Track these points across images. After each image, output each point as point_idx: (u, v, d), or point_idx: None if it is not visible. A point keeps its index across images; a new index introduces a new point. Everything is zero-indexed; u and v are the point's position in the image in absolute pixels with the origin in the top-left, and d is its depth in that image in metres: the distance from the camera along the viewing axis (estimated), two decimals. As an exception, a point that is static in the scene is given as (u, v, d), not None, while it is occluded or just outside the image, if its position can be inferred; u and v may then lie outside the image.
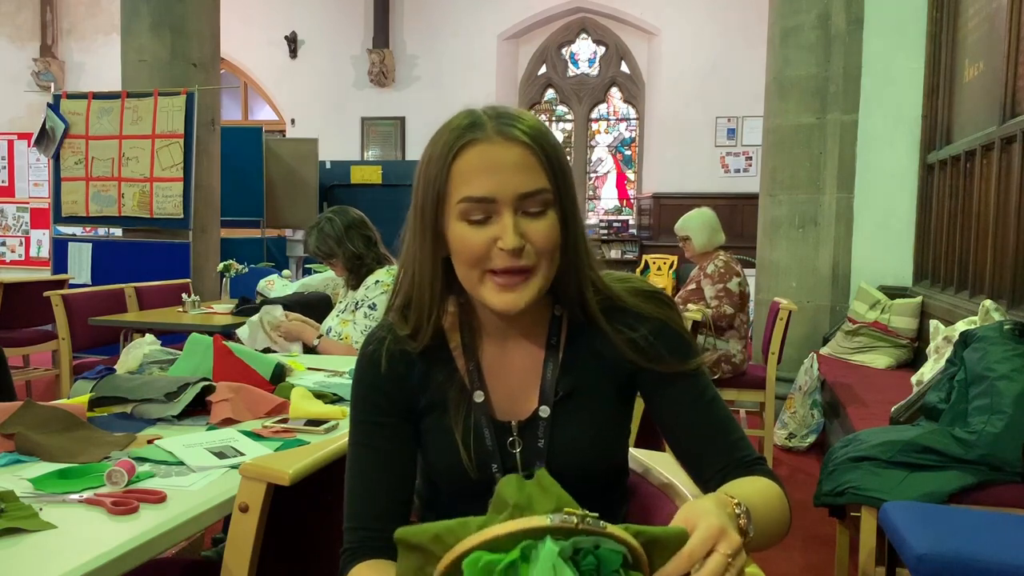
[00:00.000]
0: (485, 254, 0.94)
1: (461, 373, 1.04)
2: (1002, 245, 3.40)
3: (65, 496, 1.24)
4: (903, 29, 4.67)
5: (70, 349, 3.73)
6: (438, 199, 0.96)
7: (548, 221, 0.95)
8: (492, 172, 0.93)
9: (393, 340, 1.04)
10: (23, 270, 9.43)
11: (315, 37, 10.04)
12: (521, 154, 0.94)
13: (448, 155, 0.95)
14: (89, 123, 5.77)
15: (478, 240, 0.94)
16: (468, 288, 0.99)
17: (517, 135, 0.95)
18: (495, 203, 0.93)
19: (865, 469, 2.19)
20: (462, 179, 0.94)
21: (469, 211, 0.94)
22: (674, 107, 9.39)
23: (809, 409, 4.12)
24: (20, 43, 10.51)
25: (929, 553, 1.67)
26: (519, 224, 0.94)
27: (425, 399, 1.04)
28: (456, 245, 0.96)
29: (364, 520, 1.00)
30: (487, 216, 0.94)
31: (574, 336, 1.05)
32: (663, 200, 9.47)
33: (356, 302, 2.87)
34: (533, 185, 0.94)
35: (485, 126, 0.95)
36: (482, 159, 0.94)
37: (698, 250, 3.97)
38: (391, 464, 1.02)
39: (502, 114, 0.97)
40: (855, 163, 4.74)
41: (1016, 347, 2.28)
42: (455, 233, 0.96)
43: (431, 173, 0.97)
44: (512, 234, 0.93)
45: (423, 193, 0.98)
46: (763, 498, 0.92)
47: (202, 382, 1.81)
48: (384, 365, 1.03)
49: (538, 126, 0.97)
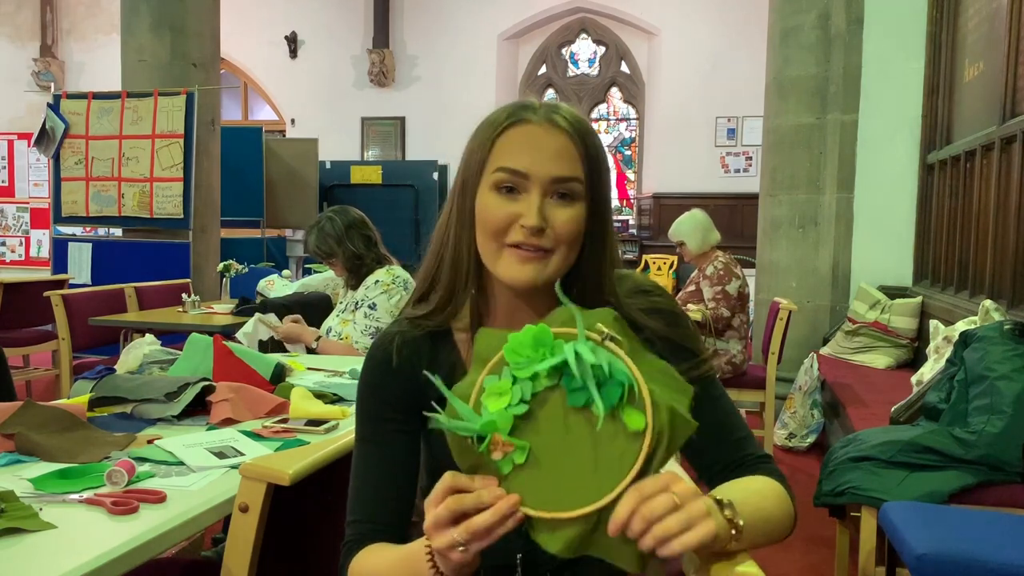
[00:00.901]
0: (506, 227, 0.97)
1: (468, 362, 1.05)
2: (1002, 245, 3.40)
3: (65, 496, 1.24)
4: (903, 29, 4.67)
5: (70, 349, 3.74)
6: (480, 167, 0.99)
7: (574, 211, 0.97)
8: (532, 150, 0.96)
9: (404, 334, 1.05)
10: (23, 270, 9.43)
11: (315, 37, 10.04)
12: (563, 141, 0.97)
13: (496, 130, 0.99)
14: (89, 123, 5.77)
15: (502, 212, 0.96)
16: (486, 261, 1.00)
17: (563, 124, 0.98)
18: (528, 179, 0.96)
19: (865, 469, 2.19)
20: (503, 150, 0.98)
21: (502, 180, 0.97)
22: (674, 107, 9.38)
23: (809, 409, 4.13)
24: (20, 43, 10.51)
25: (929, 553, 1.67)
26: (545, 206, 0.96)
27: (434, 392, 1.04)
28: (481, 214, 0.99)
29: (367, 514, 1.01)
30: (517, 190, 0.97)
31: None
32: (663, 200, 9.47)
33: (356, 302, 2.87)
34: (568, 171, 0.97)
35: (536, 110, 0.99)
36: (526, 137, 0.97)
37: (694, 252, 3.98)
38: (396, 460, 1.03)
39: (553, 105, 1.01)
40: (855, 163, 4.74)
41: (1016, 347, 2.28)
42: (483, 202, 0.98)
43: (476, 143, 1.00)
44: (536, 213, 0.95)
45: (467, 162, 1.01)
46: (757, 494, 0.93)
47: (202, 382, 1.81)
48: (395, 361, 1.04)
49: (584, 121, 1.01)
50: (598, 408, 0.77)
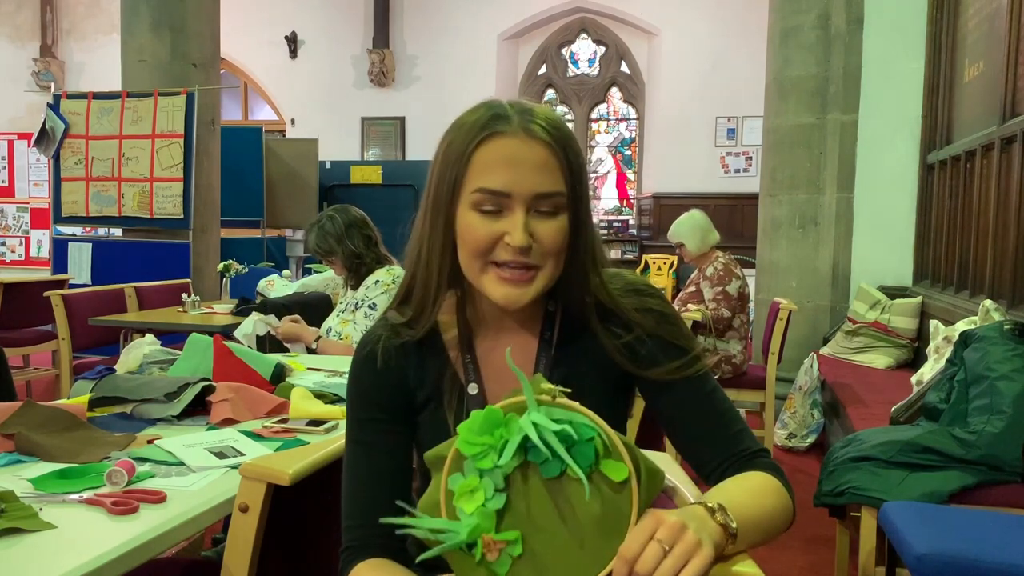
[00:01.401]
0: (491, 247, 0.95)
1: (456, 365, 1.05)
2: (1002, 245, 3.40)
3: (65, 496, 1.24)
4: (903, 29, 4.67)
5: (70, 349, 3.73)
6: (455, 185, 0.96)
7: (558, 224, 0.96)
8: (512, 167, 0.94)
9: (389, 337, 1.04)
10: (23, 270, 9.43)
11: (315, 37, 10.04)
12: (543, 154, 0.94)
13: (470, 143, 0.95)
14: (89, 123, 5.77)
15: (486, 232, 0.95)
16: (470, 277, 0.99)
17: (541, 135, 0.95)
18: (510, 198, 0.94)
19: (865, 469, 2.19)
20: (481, 169, 0.94)
21: (482, 202, 0.94)
22: (674, 107, 9.39)
23: (809, 409, 4.13)
24: (20, 43, 10.51)
25: (929, 553, 1.66)
26: (529, 223, 0.94)
27: (422, 394, 1.05)
28: (463, 233, 0.97)
29: (363, 518, 1.00)
30: (499, 209, 0.95)
31: (567, 332, 1.05)
32: (663, 200, 9.47)
33: (356, 302, 2.87)
34: (550, 187, 0.95)
35: (511, 120, 0.95)
36: (504, 153, 0.94)
37: (694, 253, 3.98)
38: (388, 461, 1.02)
39: (527, 110, 0.97)
40: (855, 163, 4.74)
41: (1016, 347, 2.27)
42: (464, 221, 0.96)
43: (451, 158, 0.97)
44: (522, 232, 0.93)
45: (439, 177, 0.98)
46: (752, 492, 0.93)
47: (202, 382, 1.81)
48: (380, 362, 1.03)
49: (562, 127, 0.97)
50: (577, 474, 0.73)
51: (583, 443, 0.74)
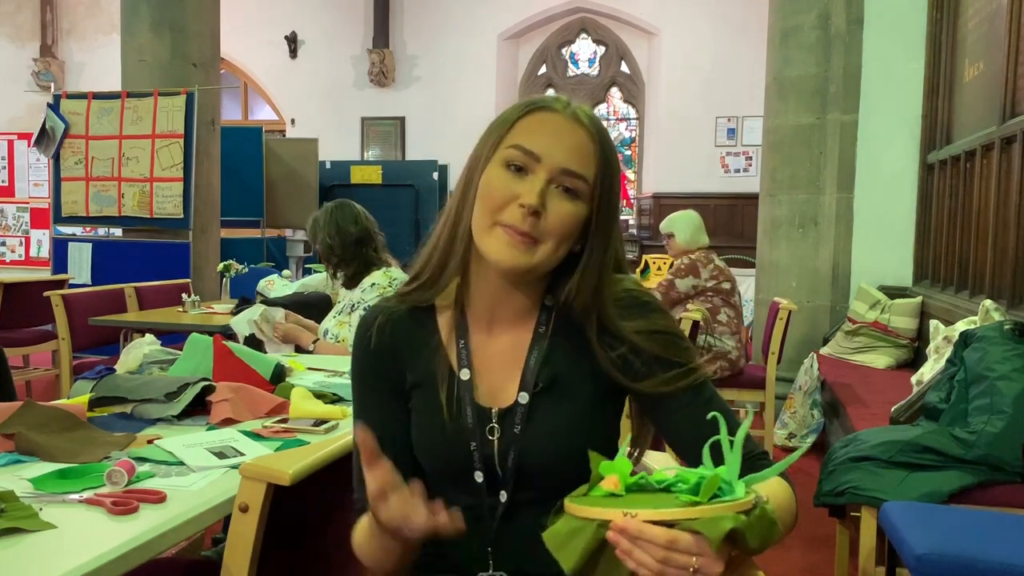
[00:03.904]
0: (503, 205, 0.97)
1: (448, 350, 1.06)
2: (1002, 245, 3.40)
3: (65, 496, 1.24)
4: (903, 29, 4.67)
5: (70, 349, 3.73)
6: (495, 145, 1.00)
7: (574, 208, 0.98)
8: (550, 136, 0.98)
9: (385, 315, 1.08)
10: (23, 270, 9.42)
11: (315, 37, 10.04)
12: (582, 137, 0.99)
13: (520, 112, 1.01)
14: (89, 123, 5.77)
15: (504, 188, 0.98)
16: (476, 233, 1.00)
17: (585, 121, 1.00)
18: (538, 162, 0.97)
19: (865, 469, 2.19)
20: (522, 130, 1.00)
21: (513, 158, 0.98)
22: (674, 107, 9.38)
23: (809, 409, 4.13)
24: (20, 43, 10.51)
25: (929, 553, 1.67)
26: (547, 193, 0.97)
27: (413, 376, 1.07)
28: (484, 187, 0.99)
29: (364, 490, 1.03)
30: (525, 170, 0.98)
31: (561, 328, 1.05)
32: (663, 200, 9.45)
33: (352, 304, 2.86)
34: (579, 167, 0.98)
35: (560, 101, 1.02)
36: (546, 123, 1.00)
37: (681, 247, 4.02)
38: (385, 436, 1.02)
39: (578, 104, 1.04)
40: (855, 163, 4.73)
41: (1016, 347, 2.28)
42: (488, 175, 0.99)
43: (495, 125, 1.02)
44: (536, 194, 0.96)
45: (481, 143, 1.03)
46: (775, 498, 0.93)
47: (202, 382, 1.81)
48: (374, 340, 1.07)
49: (604, 127, 1.04)
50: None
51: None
